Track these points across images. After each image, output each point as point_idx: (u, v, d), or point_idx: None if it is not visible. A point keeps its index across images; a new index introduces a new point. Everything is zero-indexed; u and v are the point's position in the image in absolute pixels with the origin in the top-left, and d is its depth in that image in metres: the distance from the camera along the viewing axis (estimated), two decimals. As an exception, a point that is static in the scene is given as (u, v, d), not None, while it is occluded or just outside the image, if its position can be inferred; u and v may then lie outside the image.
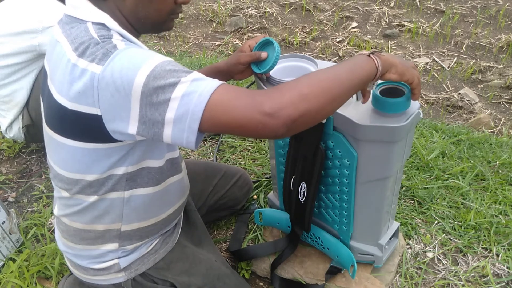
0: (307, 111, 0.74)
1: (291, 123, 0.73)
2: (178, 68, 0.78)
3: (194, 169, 1.41)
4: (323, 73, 0.79)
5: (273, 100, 0.73)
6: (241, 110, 0.74)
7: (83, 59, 0.80)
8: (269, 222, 1.43)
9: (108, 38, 0.82)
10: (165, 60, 0.79)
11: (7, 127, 1.78)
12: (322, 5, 3.69)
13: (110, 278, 1.08)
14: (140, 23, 0.90)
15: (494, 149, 1.96)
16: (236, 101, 0.74)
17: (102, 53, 0.79)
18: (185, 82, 0.75)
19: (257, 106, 0.73)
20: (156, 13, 0.89)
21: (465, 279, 1.37)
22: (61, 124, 0.89)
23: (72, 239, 1.06)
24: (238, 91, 0.76)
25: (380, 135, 0.99)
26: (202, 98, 0.74)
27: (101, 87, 0.78)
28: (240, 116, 0.74)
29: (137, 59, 0.78)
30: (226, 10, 3.64)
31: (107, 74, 0.77)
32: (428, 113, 2.52)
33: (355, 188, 1.13)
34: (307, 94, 0.74)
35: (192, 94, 0.74)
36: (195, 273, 1.12)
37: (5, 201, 1.75)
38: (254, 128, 0.74)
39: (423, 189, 1.67)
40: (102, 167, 0.92)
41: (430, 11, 3.61)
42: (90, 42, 0.81)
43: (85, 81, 0.79)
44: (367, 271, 1.31)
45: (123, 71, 0.76)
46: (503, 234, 1.50)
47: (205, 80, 0.77)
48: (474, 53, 3.07)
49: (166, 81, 0.75)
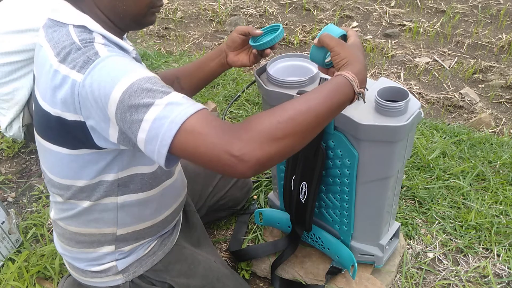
0: (277, 152, 0.71)
1: (259, 166, 0.70)
2: (155, 87, 0.75)
3: (194, 169, 1.41)
4: (299, 105, 0.75)
5: (242, 142, 0.69)
6: (209, 147, 0.70)
7: (65, 65, 0.80)
8: (269, 222, 1.42)
9: (90, 42, 0.81)
10: (144, 77, 0.76)
11: (7, 125, 1.78)
12: (322, 4, 3.68)
13: (108, 281, 1.07)
14: (120, 18, 0.89)
15: (495, 149, 1.96)
16: (205, 137, 0.70)
17: (83, 61, 0.78)
18: (159, 105, 0.73)
19: (226, 147, 0.69)
20: (134, 6, 0.88)
21: (466, 279, 1.37)
22: (47, 130, 0.89)
23: (68, 243, 1.06)
24: (210, 124, 0.71)
25: (381, 134, 0.98)
26: (173, 126, 0.71)
27: (82, 95, 0.78)
28: (208, 153, 0.70)
29: (116, 73, 0.76)
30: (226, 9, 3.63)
31: (87, 83, 0.77)
32: (429, 113, 2.52)
33: (356, 188, 1.12)
34: (279, 135, 0.71)
35: (164, 119, 0.72)
36: (194, 275, 1.12)
37: (4, 201, 1.75)
38: (221, 168, 0.71)
39: (423, 189, 1.66)
40: (91, 173, 0.92)
41: (430, 11, 3.61)
42: (72, 48, 0.80)
43: (67, 89, 0.79)
44: (368, 271, 1.30)
45: (101, 84, 0.76)
46: (504, 234, 1.50)
47: (180, 105, 0.73)
48: (475, 53, 3.06)
49: (140, 101, 0.73)
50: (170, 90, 0.76)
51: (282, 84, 1.11)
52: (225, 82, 2.40)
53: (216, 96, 2.25)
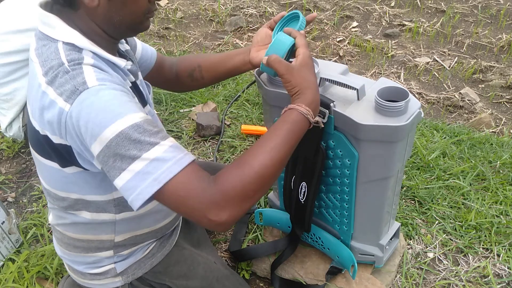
0: (250, 205, 0.78)
1: (234, 222, 0.77)
2: (143, 138, 0.74)
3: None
4: (263, 158, 0.79)
5: (219, 207, 0.74)
6: (189, 210, 0.75)
7: (52, 89, 0.78)
8: (269, 222, 1.42)
9: (78, 64, 0.79)
10: (133, 124, 0.74)
11: (7, 125, 1.78)
12: (322, 4, 3.68)
13: (107, 283, 1.07)
14: (115, 28, 0.86)
15: (495, 149, 1.96)
16: (186, 200, 0.74)
17: (70, 90, 0.76)
18: (145, 159, 0.73)
19: (204, 212, 0.74)
20: (131, 15, 0.85)
21: (466, 279, 1.36)
22: (38, 145, 0.88)
23: (67, 247, 1.06)
24: (192, 185, 0.74)
25: (381, 134, 0.98)
26: (155, 183, 0.73)
27: (68, 125, 0.77)
28: (187, 213, 0.76)
29: (104, 115, 0.74)
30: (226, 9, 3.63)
31: (74, 117, 0.76)
32: (429, 113, 2.52)
33: (356, 188, 1.12)
34: (250, 194, 0.77)
35: (147, 175, 0.73)
36: (193, 276, 1.11)
37: (4, 201, 1.75)
38: (198, 223, 0.78)
39: (423, 189, 1.66)
40: (82, 190, 0.92)
41: (430, 11, 3.61)
42: (59, 71, 0.78)
43: (54, 114, 0.78)
44: (368, 271, 1.30)
45: (88, 124, 0.75)
46: (504, 234, 1.50)
47: (166, 162, 0.74)
48: (475, 53, 3.06)
49: (126, 152, 0.74)
50: (158, 139, 0.75)
51: (281, 84, 1.11)
52: (225, 82, 2.40)
53: (216, 96, 2.25)
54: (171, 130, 2.04)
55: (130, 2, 0.83)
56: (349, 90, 1.08)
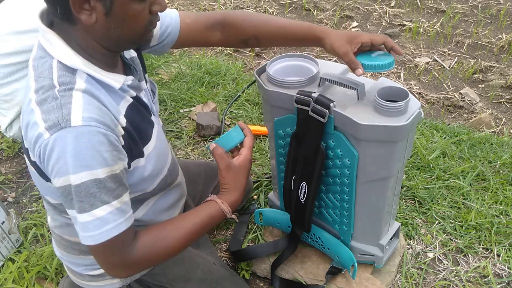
0: None
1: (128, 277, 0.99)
2: (99, 194, 0.79)
3: (195, 170, 1.41)
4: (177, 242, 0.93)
5: (125, 268, 0.91)
6: (102, 262, 0.89)
7: (39, 110, 0.78)
8: (269, 222, 1.42)
9: (69, 89, 0.78)
10: (97, 179, 0.78)
11: (7, 126, 1.77)
12: (322, 4, 3.68)
13: (105, 284, 1.07)
14: (114, 43, 0.84)
15: (495, 149, 1.96)
16: (106, 258, 0.87)
17: (53, 121, 0.76)
18: (91, 216, 0.81)
19: (113, 269, 0.90)
20: (131, 31, 0.82)
21: (466, 279, 1.36)
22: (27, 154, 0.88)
23: (65, 248, 1.06)
24: (116, 251, 0.86)
25: (381, 134, 0.98)
26: (89, 240, 0.83)
27: (41, 151, 0.79)
28: (99, 263, 0.90)
29: (75, 162, 0.76)
30: (226, 9, 3.64)
31: (49, 147, 0.77)
32: (429, 113, 2.52)
33: (356, 188, 1.12)
34: (156, 264, 0.98)
35: (86, 229, 0.83)
36: (192, 278, 1.11)
37: (4, 201, 1.75)
38: None
39: (423, 189, 1.66)
40: None
41: (430, 11, 3.60)
42: (49, 95, 0.78)
43: (34, 135, 0.78)
44: (368, 271, 1.30)
45: (58, 161, 0.77)
46: (504, 234, 1.50)
47: (107, 224, 0.82)
48: (475, 53, 3.06)
49: (80, 202, 0.80)
50: (112, 198, 0.81)
51: (282, 84, 1.11)
52: (225, 82, 2.40)
53: (216, 96, 2.25)
54: (171, 130, 2.04)
55: (129, 19, 0.80)
56: (349, 90, 1.08)
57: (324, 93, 1.07)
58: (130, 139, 0.87)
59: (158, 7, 0.83)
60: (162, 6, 0.83)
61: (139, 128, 0.91)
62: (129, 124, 0.87)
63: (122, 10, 0.78)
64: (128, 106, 0.89)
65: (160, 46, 1.07)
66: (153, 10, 0.83)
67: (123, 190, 0.84)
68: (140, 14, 0.80)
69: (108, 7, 0.77)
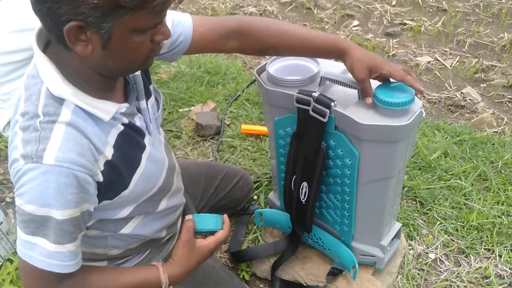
0: None
1: None
2: (54, 232, 0.77)
3: (196, 170, 1.40)
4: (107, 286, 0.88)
5: None
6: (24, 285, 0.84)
7: (21, 137, 0.76)
8: (269, 222, 1.41)
9: (52, 122, 0.75)
10: (55, 219, 0.76)
11: (5, 125, 1.76)
12: (323, 3, 3.67)
13: None
14: (111, 72, 0.80)
15: (496, 149, 1.95)
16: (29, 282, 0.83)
17: (28, 153, 0.74)
18: (39, 241, 0.78)
19: None
20: (130, 62, 0.78)
21: (468, 280, 1.36)
22: None
23: None
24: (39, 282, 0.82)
25: (382, 134, 0.97)
26: (27, 256, 0.79)
27: (14, 174, 0.78)
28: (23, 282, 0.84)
29: (38, 197, 0.75)
30: (226, 8, 3.62)
31: (19, 174, 0.76)
32: (430, 112, 2.50)
33: (357, 188, 1.11)
34: None
35: (28, 248, 0.79)
36: (191, 281, 1.10)
37: (3, 201, 1.74)
38: None
39: (425, 189, 1.65)
40: None
41: (432, 10, 3.59)
42: (31, 124, 0.76)
43: (11, 156, 0.78)
44: (369, 272, 1.29)
45: (23, 188, 0.76)
46: (505, 235, 1.49)
47: (50, 259, 0.79)
48: (476, 52, 3.05)
49: (33, 226, 0.77)
50: (66, 241, 0.79)
51: (282, 83, 1.10)
52: (225, 82, 2.39)
53: (216, 96, 2.24)
54: (171, 130, 2.03)
55: (129, 51, 0.75)
56: (350, 89, 1.07)
57: (324, 92, 1.06)
58: (113, 173, 0.83)
59: (161, 37, 0.77)
60: (166, 35, 0.78)
61: (127, 157, 0.86)
62: (117, 154, 0.83)
63: (121, 44, 0.73)
64: (118, 134, 0.84)
65: (170, 54, 1.02)
66: (156, 39, 0.77)
67: (78, 235, 0.82)
68: (141, 46, 0.75)
69: (105, 40, 0.71)
